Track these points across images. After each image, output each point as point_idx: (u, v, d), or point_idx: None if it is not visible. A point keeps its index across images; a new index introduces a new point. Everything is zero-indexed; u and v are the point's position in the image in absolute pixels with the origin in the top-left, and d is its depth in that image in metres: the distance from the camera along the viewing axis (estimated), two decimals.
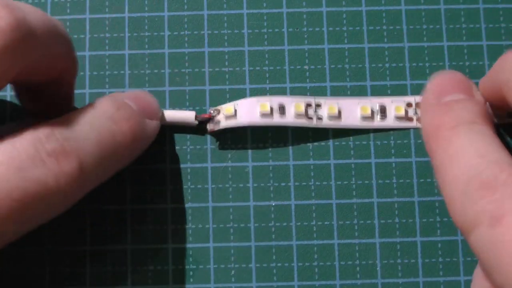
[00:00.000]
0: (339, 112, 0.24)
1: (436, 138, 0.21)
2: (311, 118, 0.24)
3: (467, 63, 0.25)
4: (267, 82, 0.25)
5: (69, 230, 0.24)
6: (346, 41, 0.25)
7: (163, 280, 0.24)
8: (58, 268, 0.24)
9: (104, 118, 0.21)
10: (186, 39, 0.25)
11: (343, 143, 0.25)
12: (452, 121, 0.21)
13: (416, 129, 0.25)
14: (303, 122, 0.24)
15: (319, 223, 0.24)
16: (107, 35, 0.25)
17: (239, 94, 0.25)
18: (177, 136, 0.25)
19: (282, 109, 0.24)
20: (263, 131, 0.25)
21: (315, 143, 0.25)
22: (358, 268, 0.24)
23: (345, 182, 0.24)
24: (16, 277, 0.23)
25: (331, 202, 0.24)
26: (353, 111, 0.24)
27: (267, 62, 0.25)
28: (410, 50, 0.25)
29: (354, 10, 0.25)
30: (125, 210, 0.24)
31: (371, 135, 0.25)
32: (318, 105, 0.24)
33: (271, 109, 0.24)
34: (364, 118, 0.24)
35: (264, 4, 0.26)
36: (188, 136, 0.25)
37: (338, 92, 0.25)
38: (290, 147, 0.25)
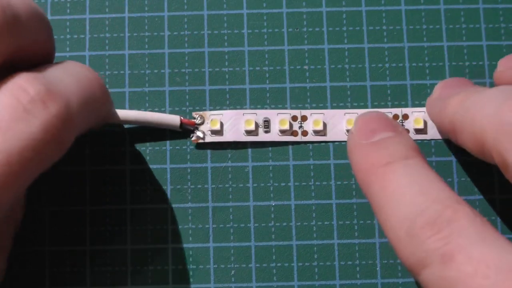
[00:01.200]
0: (324, 125, 0.24)
1: (371, 177, 0.20)
2: (296, 133, 0.24)
3: (467, 63, 0.25)
4: (267, 82, 0.25)
5: (69, 230, 0.24)
6: (346, 41, 0.25)
7: (163, 280, 0.24)
8: (58, 268, 0.24)
9: (78, 66, 0.20)
10: (186, 39, 0.25)
11: (343, 143, 0.25)
12: (386, 158, 0.20)
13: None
14: (288, 138, 0.24)
15: (319, 223, 0.24)
16: (107, 35, 0.25)
17: (239, 94, 0.25)
18: (177, 136, 0.25)
19: (267, 124, 0.24)
20: None
21: (315, 143, 0.25)
22: (358, 268, 0.24)
23: (345, 182, 0.24)
24: (16, 277, 0.23)
25: (331, 202, 0.24)
26: (338, 123, 0.24)
27: (267, 62, 0.25)
28: (410, 50, 0.25)
29: (354, 10, 0.25)
30: (125, 210, 0.24)
31: None
32: (303, 118, 0.24)
33: (256, 124, 0.24)
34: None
35: (264, 4, 0.26)
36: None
37: (338, 92, 0.25)
38: (290, 147, 0.25)
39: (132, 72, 0.25)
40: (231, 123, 0.24)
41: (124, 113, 0.23)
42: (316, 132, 0.24)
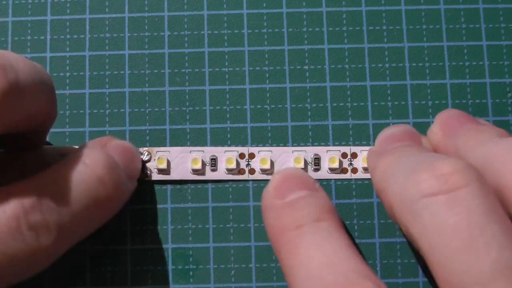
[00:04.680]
0: (272, 163, 0.24)
1: (281, 241, 0.20)
2: (243, 171, 0.24)
3: (467, 63, 0.25)
4: (267, 82, 0.25)
5: None
6: (346, 41, 0.25)
7: (163, 280, 0.24)
8: (58, 268, 0.24)
9: (94, 181, 0.20)
10: (186, 39, 0.25)
11: (343, 143, 0.25)
12: (296, 221, 0.20)
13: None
14: (235, 176, 0.24)
15: None
16: (107, 35, 0.25)
17: (239, 94, 0.25)
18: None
19: (213, 163, 0.24)
20: (263, 131, 0.25)
21: (315, 143, 0.25)
22: None
23: (345, 182, 0.24)
24: None
25: None
26: (286, 161, 0.24)
27: (267, 62, 0.25)
28: (410, 50, 0.25)
29: (354, 10, 0.25)
30: (125, 210, 0.24)
31: (371, 135, 0.25)
32: (251, 156, 0.24)
33: (203, 163, 0.24)
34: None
35: (264, 4, 0.26)
36: (188, 136, 0.25)
37: (338, 92, 0.25)
38: (290, 147, 0.25)
39: (132, 72, 0.25)
40: (178, 161, 0.24)
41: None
42: (264, 171, 0.24)
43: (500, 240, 0.16)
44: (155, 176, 0.24)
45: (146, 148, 0.24)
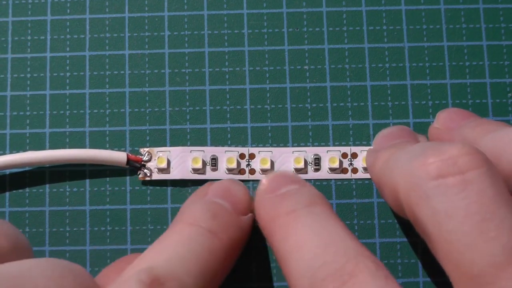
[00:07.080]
0: (272, 163, 0.24)
1: (273, 227, 0.20)
2: (243, 172, 0.24)
3: (467, 63, 0.25)
4: (267, 82, 0.25)
5: (69, 230, 0.24)
6: (346, 41, 0.25)
7: None
8: None
9: (201, 235, 0.20)
10: (186, 39, 0.25)
11: (343, 143, 0.25)
12: (290, 206, 0.20)
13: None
14: (235, 176, 0.24)
15: None
16: (107, 35, 0.25)
17: (239, 94, 0.25)
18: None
19: (214, 162, 0.24)
20: (263, 131, 0.25)
21: (315, 143, 0.25)
22: None
23: (345, 182, 0.24)
24: None
25: (331, 202, 0.24)
26: (286, 161, 0.24)
27: (267, 62, 0.25)
28: (410, 50, 0.25)
29: (354, 10, 0.25)
30: (125, 210, 0.24)
31: (371, 135, 0.25)
32: (251, 156, 0.24)
33: (203, 162, 0.24)
34: (297, 169, 0.24)
35: (264, 4, 0.26)
36: (188, 136, 0.25)
37: (338, 92, 0.25)
38: (290, 147, 0.25)
39: (132, 72, 0.25)
40: (178, 160, 0.24)
41: (71, 152, 0.23)
42: (264, 171, 0.24)
43: (510, 224, 0.16)
44: (155, 176, 0.24)
45: (147, 149, 0.24)
